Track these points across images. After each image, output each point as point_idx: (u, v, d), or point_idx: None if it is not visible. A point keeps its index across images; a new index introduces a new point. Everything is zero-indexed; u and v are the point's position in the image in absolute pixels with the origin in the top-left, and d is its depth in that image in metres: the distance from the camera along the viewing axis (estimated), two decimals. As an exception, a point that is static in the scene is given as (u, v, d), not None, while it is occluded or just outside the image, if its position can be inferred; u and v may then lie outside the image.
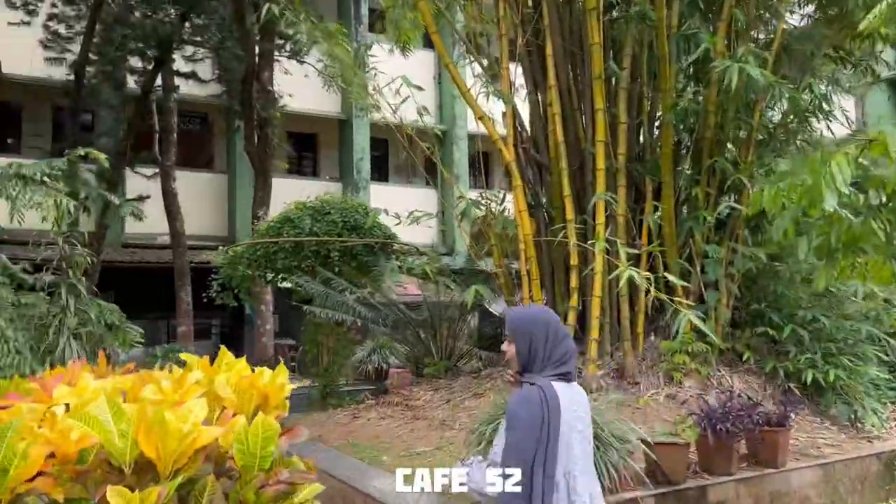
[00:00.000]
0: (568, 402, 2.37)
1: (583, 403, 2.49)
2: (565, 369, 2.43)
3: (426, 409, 7.52)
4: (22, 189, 8.23)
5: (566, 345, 2.47)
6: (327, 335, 10.55)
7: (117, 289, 18.31)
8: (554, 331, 2.47)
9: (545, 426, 2.27)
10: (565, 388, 2.40)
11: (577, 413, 2.41)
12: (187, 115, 19.86)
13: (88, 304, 7.35)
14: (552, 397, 2.32)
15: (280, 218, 10.21)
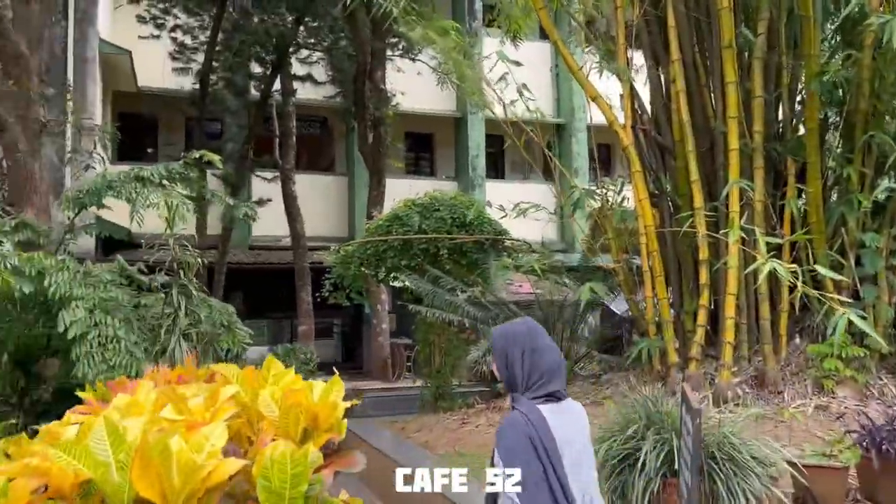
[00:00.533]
0: (560, 423, 2.13)
1: (577, 423, 2.23)
2: (549, 389, 2.17)
3: (539, 416, 6.94)
4: (140, 191, 8.33)
5: (547, 361, 2.19)
6: (438, 335, 10.17)
7: (245, 289, 18.93)
8: (531, 348, 2.19)
9: (541, 450, 2.07)
10: (555, 409, 2.15)
11: (570, 436, 2.15)
12: (308, 119, 20.21)
13: (199, 304, 7.30)
14: (538, 420, 2.10)
15: (389, 216, 9.92)
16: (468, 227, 9.73)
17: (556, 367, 2.21)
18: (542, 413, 2.11)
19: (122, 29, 16.52)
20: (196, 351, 7.29)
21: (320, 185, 19.39)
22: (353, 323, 18.68)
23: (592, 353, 9.29)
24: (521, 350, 2.20)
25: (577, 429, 2.19)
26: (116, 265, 7.46)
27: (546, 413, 2.12)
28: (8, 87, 10.38)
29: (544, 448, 2.06)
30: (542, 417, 2.10)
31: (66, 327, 6.18)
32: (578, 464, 2.14)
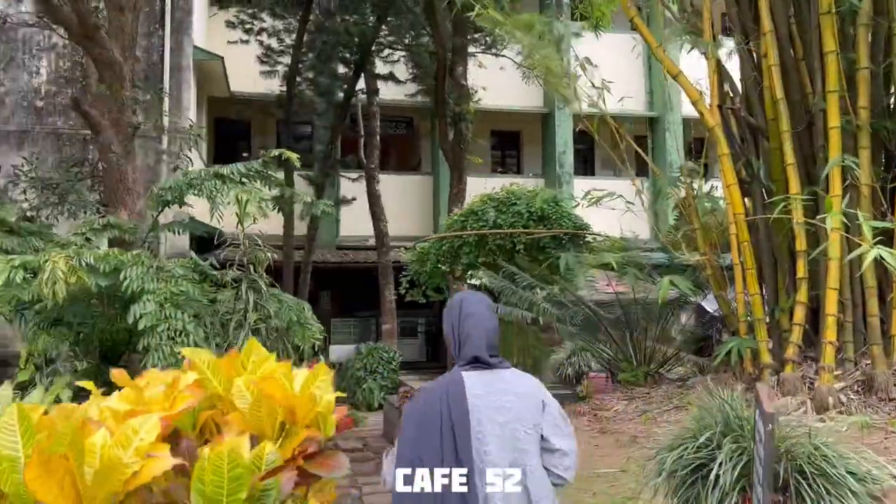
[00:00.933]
0: (483, 390, 2.12)
1: (510, 393, 2.15)
2: (472, 353, 2.17)
3: (616, 421, 6.43)
4: (220, 188, 8.38)
5: (468, 325, 2.21)
6: (515, 334, 9.78)
7: (333, 288, 19.11)
8: (458, 317, 2.26)
9: (440, 419, 2.07)
10: (482, 376, 2.16)
11: (498, 403, 2.12)
12: (395, 119, 20.22)
13: (268, 299, 7.23)
14: (451, 383, 2.13)
15: (464, 211, 9.62)
16: (546, 221, 9.30)
17: (478, 333, 2.20)
18: (460, 376, 2.14)
19: (215, 35, 17.01)
20: (266, 347, 7.15)
21: (406, 184, 19.33)
22: (440, 321, 18.45)
23: (681, 354, 8.65)
24: (452, 321, 2.28)
25: (512, 395, 2.13)
26: (189, 261, 7.49)
27: (469, 378, 2.13)
28: (102, 92, 10.74)
29: (449, 411, 2.06)
30: (458, 380, 2.13)
31: (135, 319, 6.23)
32: (509, 427, 2.09)
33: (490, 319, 2.29)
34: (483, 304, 2.35)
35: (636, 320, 8.08)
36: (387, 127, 20.20)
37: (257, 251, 7.39)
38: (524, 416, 2.12)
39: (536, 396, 2.18)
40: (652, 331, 8.33)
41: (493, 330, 2.28)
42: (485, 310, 2.31)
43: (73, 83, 15.76)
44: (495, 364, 2.20)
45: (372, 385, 13.45)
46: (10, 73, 14.98)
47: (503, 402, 2.12)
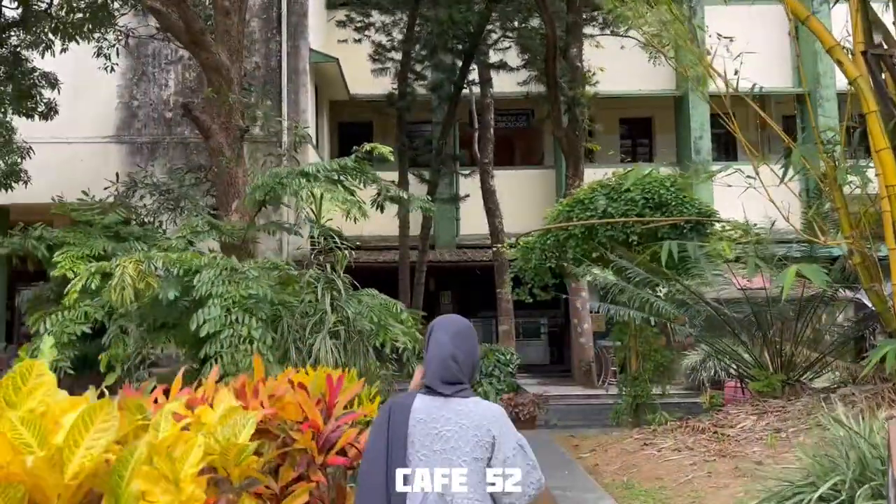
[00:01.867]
0: (428, 415, 2.16)
1: (458, 422, 2.13)
2: (428, 381, 2.21)
3: (740, 441, 5.34)
4: (304, 185, 8.02)
5: (430, 355, 2.25)
6: (634, 336, 8.73)
7: (453, 289, 18.65)
8: (429, 338, 2.30)
9: (386, 437, 2.19)
10: (433, 401, 2.18)
11: (437, 430, 2.13)
12: (512, 112, 19.47)
13: (348, 300, 6.74)
14: (399, 404, 2.23)
15: (570, 201, 8.70)
16: (664, 208, 8.20)
17: (436, 362, 2.21)
18: (410, 400, 2.19)
19: (332, 39, 17.06)
20: (346, 350, 6.74)
21: (526, 179, 18.50)
22: (565, 322, 17.48)
23: (830, 358, 7.28)
24: (427, 342, 2.30)
25: (454, 426, 2.12)
26: (266, 262, 7.16)
27: (420, 402, 2.18)
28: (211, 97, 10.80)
29: (394, 429, 2.16)
30: (405, 405, 2.19)
31: (198, 325, 5.92)
32: (442, 456, 2.10)
33: (453, 347, 2.21)
34: (450, 330, 2.29)
35: (770, 320, 6.84)
36: (506, 120, 19.49)
37: (336, 249, 6.91)
38: (461, 447, 2.11)
39: (484, 430, 2.11)
40: (791, 331, 7.04)
41: (454, 358, 2.19)
42: (449, 338, 2.25)
43: (197, 93, 16.21)
44: (448, 393, 2.16)
45: (487, 389, 12.74)
46: (141, 87, 15.72)
47: (443, 430, 2.12)
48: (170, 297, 6.42)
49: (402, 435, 2.14)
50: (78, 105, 15.46)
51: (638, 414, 8.70)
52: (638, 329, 8.75)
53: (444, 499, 2.08)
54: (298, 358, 6.52)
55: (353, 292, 6.98)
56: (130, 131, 15.78)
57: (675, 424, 6.41)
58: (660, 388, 8.84)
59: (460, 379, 2.19)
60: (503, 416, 2.19)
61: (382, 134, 19.96)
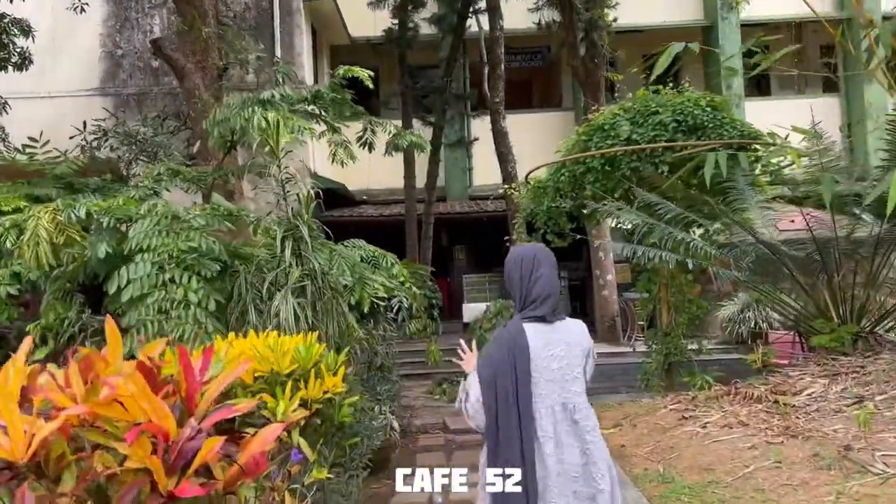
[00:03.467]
0: (542, 341, 2.37)
1: (566, 340, 2.41)
2: (536, 313, 2.39)
3: (811, 415, 4.02)
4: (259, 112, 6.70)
5: (537, 289, 2.41)
6: (664, 285, 7.39)
7: (467, 243, 17.33)
8: (528, 270, 2.43)
9: (509, 367, 2.32)
10: (540, 328, 2.39)
11: (552, 353, 2.37)
12: (526, 50, 17.87)
13: (315, 250, 5.48)
14: (515, 333, 2.36)
15: (587, 129, 7.29)
16: (701, 132, 6.78)
17: (546, 296, 2.40)
18: (521, 327, 2.38)
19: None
20: (313, 310, 5.52)
21: (543, 122, 16.98)
22: (587, 275, 16.10)
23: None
24: (520, 275, 2.44)
25: (563, 345, 2.38)
26: (217, 206, 5.89)
27: (531, 329, 2.38)
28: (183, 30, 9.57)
29: (514, 355, 2.32)
30: (521, 331, 2.37)
31: (119, 288, 4.71)
32: (559, 374, 2.36)
33: (555, 280, 2.48)
34: (551, 262, 2.50)
35: (837, 260, 5.44)
36: (519, 60, 17.91)
37: (298, 188, 5.64)
38: (573, 362, 2.40)
39: (583, 346, 2.44)
40: (859, 274, 5.65)
41: (558, 289, 2.52)
42: (552, 270, 2.48)
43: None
44: (553, 320, 2.41)
45: (501, 348, 11.53)
46: (125, 35, 14.41)
47: (556, 352, 2.37)
48: (100, 253, 5.20)
49: (525, 360, 2.31)
50: (58, 57, 14.30)
51: (671, 375, 7.41)
52: (669, 277, 7.41)
53: (567, 407, 2.33)
54: (259, 321, 5.32)
55: (322, 240, 5.71)
56: (115, 82, 14.55)
57: (720, 390, 5.09)
58: (695, 343, 7.52)
59: (558, 305, 2.46)
60: (587, 330, 2.51)
61: (390, 82, 18.49)
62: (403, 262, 9.94)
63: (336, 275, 5.56)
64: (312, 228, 5.67)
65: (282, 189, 5.79)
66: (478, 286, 15.43)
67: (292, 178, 6.25)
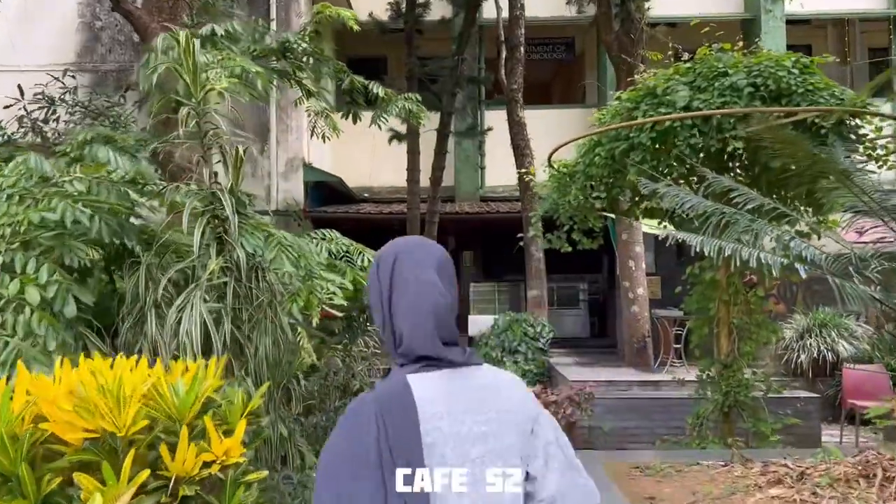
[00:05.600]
0: (446, 408, 1.22)
1: (492, 409, 1.24)
2: (415, 351, 1.24)
3: None
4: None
5: (409, 299, 1.27)
6: (726, 301, 5.59)
7: (476, 248, 15.52)
8: (392, 278, 1.29)
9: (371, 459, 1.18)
10: (442, 383, 1.24)
11: (469, 429, 1.21)
12: (549, 41, 16.12)
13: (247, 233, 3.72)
14: (395, 400, 1.21)
15: (634, 94, 5.49)
16: (787, 98, 4.98)
17: (427, 314, 1.24)
18: (406, 382, 1.22)
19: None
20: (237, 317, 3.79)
21: (564, 120, 15.14)
22: (609, 288, 14.26)
23: None
24: (380, 288, 1.30)
25: (483, 418, 1.22)
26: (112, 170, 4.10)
27: (421, 386, 1.22)
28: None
29: (385, 440, 1.17)
30: (402, 392, 1.21)
31: None
32: (479, 472, 1.20)
33: (445, 286, 1.29)
34: (431, 260, 1.31)
35: None
36: (541, 51, 16.15)
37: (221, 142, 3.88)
38: (508, 446, 1.23)
39: (526, 411, 1.27)
40: None
41: (451, 305, 1.29)
42: (436, 271, 1.30)
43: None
44: (460, 360, 1.25)
45: (510, 369, 9.69)
46: (105, 5, 12.86)
47: (478, 424, 1.22)
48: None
49: (416, 445, 1.16)
50: (31, 28, 12.76)
51: (730, 419, 5.58)
52: (732, 292, 5.59)
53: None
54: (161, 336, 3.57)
55: (256, 221, 3.94)
56: (94, 57, 12.98)
57: (849, 468, 3.25)
58: (759, 378, 5.68)
59: (457, 335, 1.28)
60: (524, 384, 1.34)
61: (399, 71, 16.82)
62: (401, 266, 8.20)
63: (277, 271, 3.80)
64: (243, 203, 3.90)
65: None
66: (486, 296, 13.62)
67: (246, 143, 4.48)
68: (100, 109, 8.58)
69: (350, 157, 14.48)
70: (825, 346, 8.16)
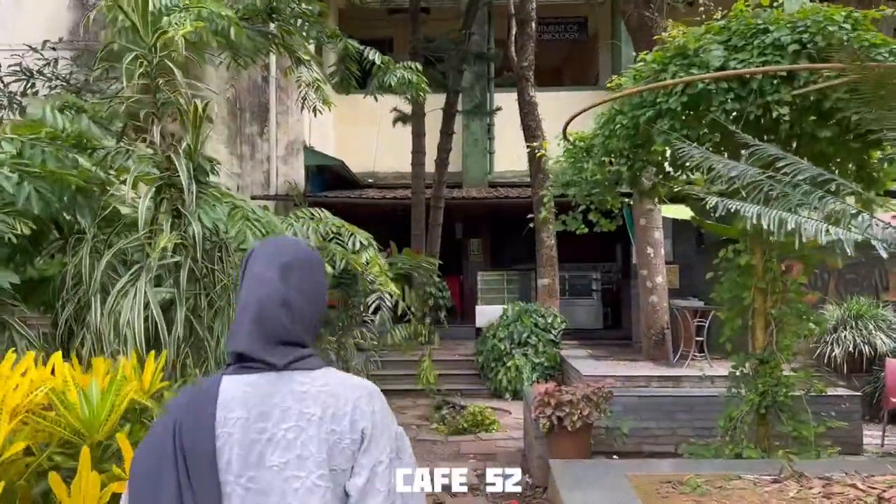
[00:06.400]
0: (246, 413, 1.17)
1: (299, 413, 1.18)
2: (233, 347, 1.22)
3: None
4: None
5: (243, 297, 1.25)
6: (763, 289, 4.96)
7: (485, 235, 14.88)
8: (243, 276, 1.28)
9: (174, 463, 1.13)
10: (252, 386, 1.19)
11: (271, 434, 1.16)
12: (562, 21, 15.42)
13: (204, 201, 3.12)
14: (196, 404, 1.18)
15: (662, 54, 4.83)
16: (839, 54, 4.31)
17: (254, 314, 1.21)
18: (214, 389, 1.19)
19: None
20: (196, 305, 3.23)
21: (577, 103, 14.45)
22: (624, 276, 13.59)
23: None
24: (240, 281, 1.31)
25: (295, 419, 1.16)
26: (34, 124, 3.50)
27: (230, 389, 1.18)
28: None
29: (187, 446, 1.13)
30: (207, 394, 1.18)
31: None
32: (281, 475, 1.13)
33: (284, 285, 1.23)
34: (277, 259, 1.27)
35: None
36: (552, 31, 15.46)
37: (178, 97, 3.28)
38: (312, 455, 1.15)
39: (346, 421, 1.18)
40: None
41: (286, 303, 1.22)
42: (276, 271, 1.24)
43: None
44: (280, 363, 1.19)
45: (519, 362, 9.08)
46: (97, -20, 12.33)
47: (279, 430, 1.16)
48: None
49: (205, 453, 1.12)
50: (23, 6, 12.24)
51: (766, 422, 4.95)
52: (770, 279, 4.95)
53: None
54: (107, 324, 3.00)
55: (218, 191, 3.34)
56: (88, 35, 12.40)
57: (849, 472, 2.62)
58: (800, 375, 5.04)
59: (299, 338, 1.22)
60: (378, 396, 1.24)
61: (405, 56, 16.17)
62: (406, 252, 7.56)
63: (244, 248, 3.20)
64: (203, 169, 3.30)
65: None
66: (495, 285, 12.99)
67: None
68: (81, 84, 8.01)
69: (354, 142, 13.88)
70: (861, 339, 7.49)
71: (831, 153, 4.84)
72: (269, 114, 12.21)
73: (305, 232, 4.48)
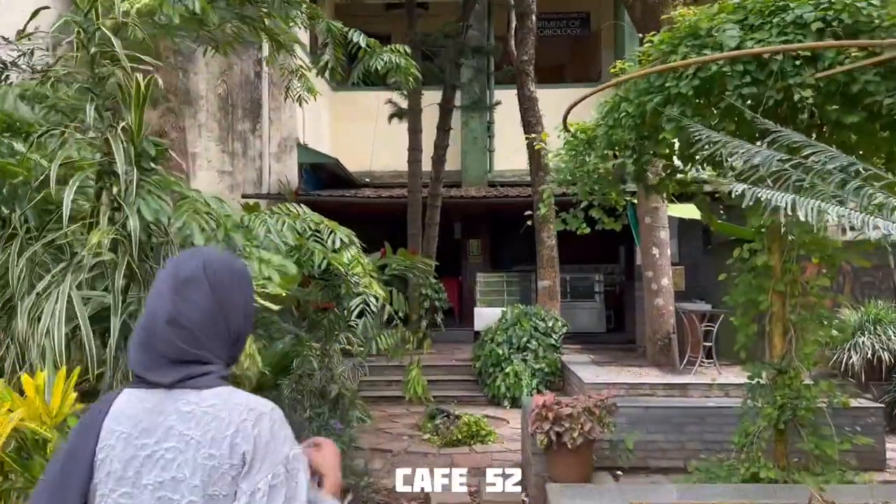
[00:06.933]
0: (131, 428, 1.16)
1: (179, 435, 1.14)
2: (132, 365, 1.22)
3: None
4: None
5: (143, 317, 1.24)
6: (781, 292, 4.54)
7: (484, 235, 14.45)
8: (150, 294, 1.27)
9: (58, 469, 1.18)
10: (141, 402, 1.18)
11: (148, 452, 1.14)
12: (563, 16, 15.00)
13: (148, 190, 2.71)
14: (90, 416, 1.21)
15: (671, 36, 4.40)
16: (867, 36, 3.90)
17: (142, 333, 1.21)
18: (109, 402, 1.21)
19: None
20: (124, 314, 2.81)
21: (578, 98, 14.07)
22: (628, 278, 13.15)
23: None
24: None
25: (175, 440, 1.13)
26: None
27: (124, 402, 1.19)
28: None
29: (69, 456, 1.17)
30: (98, 409, 1.21)
31: None
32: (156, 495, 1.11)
33: (176, 302, 1.19)
34: (176, 274, 1.24)
35: None
36: (554, 26, 15.05)
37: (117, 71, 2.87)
38: (186, 478, 1.11)
39: (226, 444, 1.12)
40: None
41: (176, 321, 1.18)
42: (171, 287, 1.21)
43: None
44: (167, 382, 1.17)
45: (518, 368, 8.65)
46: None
47: (159, 449, 1.14)
48: None
49: (83, 464, 1.14)
50: (10, -2, 11.83)
51: (784, 438, 4.52)
52: (790, 281, 4.52)
53: None
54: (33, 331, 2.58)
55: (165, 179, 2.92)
56: (74, 29, 12.00)
57: None
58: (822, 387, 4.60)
59: (196, 356, 1.17)
60: (267, 417, 1.15)
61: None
62: (401, 253, 7.15)
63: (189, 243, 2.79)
64: (147, 155, 2.88)
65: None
66: (494, 287, 12.56)
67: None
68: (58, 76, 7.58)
69: (350, 140, 13.48)
70: (880, 346, 7.05)
71: (856, 144, 4.41)
72: (262, 110, 11.82)
73: (280, 228, 4.05)
